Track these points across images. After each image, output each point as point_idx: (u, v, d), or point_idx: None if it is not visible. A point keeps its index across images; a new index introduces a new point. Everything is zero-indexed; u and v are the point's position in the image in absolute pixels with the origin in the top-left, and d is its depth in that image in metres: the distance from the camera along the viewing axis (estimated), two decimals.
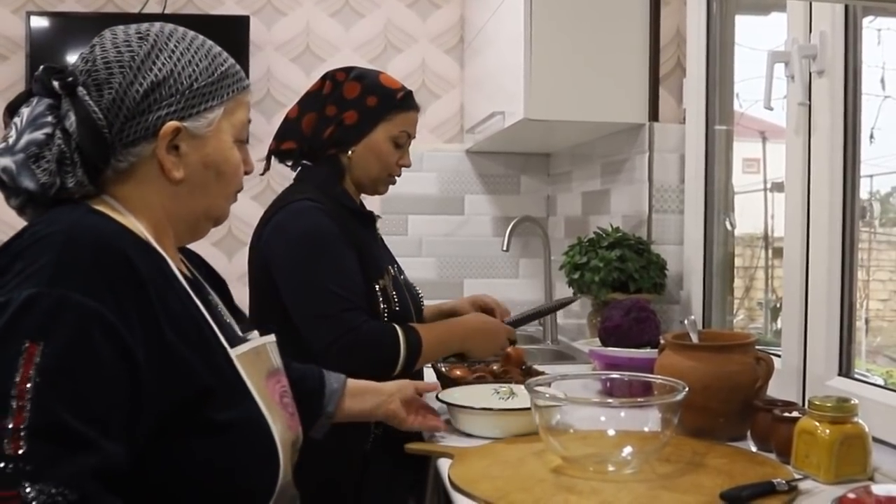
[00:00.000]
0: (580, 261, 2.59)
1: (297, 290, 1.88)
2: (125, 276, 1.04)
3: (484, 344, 2.04)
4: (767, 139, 2.75)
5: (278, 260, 1.91)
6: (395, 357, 1.86)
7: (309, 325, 1.85)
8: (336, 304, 1.84)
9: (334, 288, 1.85)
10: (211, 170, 1.20)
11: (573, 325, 3.27)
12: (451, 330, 2.02)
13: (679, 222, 2.64)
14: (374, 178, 2.02)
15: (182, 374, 1.07)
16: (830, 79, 1.84)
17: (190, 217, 1.22)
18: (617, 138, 2.87)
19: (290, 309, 1.88)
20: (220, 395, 1.10)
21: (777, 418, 1.57)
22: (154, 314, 1.05)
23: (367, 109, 1.98)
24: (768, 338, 2.49)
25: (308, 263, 1.87)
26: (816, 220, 1.89)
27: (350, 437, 1.88)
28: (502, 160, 3.68)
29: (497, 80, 3.02)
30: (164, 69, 1.15)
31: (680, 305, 2.62)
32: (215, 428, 1.09)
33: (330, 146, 1.99)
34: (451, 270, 3.70)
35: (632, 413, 1.51)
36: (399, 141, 2.02)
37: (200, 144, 1.18)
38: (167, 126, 1.14)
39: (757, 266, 2.81)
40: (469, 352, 2.04)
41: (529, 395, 1.53)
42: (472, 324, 2.06)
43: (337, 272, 1.87)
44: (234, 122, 1.22)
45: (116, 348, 1.00)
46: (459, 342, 2.01)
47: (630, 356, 2.12)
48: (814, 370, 1.89)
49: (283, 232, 1.92)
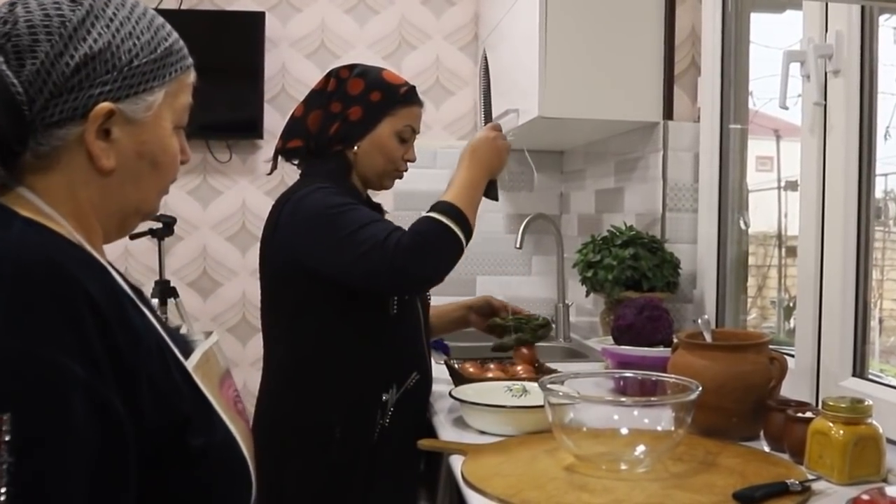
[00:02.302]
0: (593, 259, 2.58)
1: (331, 249, 1.82)
2: (87, 311, 0.89)
3: (496, 160, 1.98)
4: (781, 137, 2.73)
5: (301, 238, 1.87)
6: (453, 237, 1.80)
7: (359, 271, 1.79)
8: (374, 235, 1.78)
9: (363, 225, 1.80)
10: (146, 160, 1.03)
11: (586, 324, 3.26)
12: (463, 175, 1.92)
13: (693, 221, 2.63)
14: (379, 173, 2.03)
15: (161, 407, 0.94)
16: (846, 79, 1.83)
17: (119, 213, 1.05)
18: (631, 136, 2.86)
19: (337, 274, 1.83)
20: (194, 420, 0.97)
21: (790, 418, 1.57)
22: (118, 347, 0.90)
23: (372, 105, 1.99)
24: (781, 337, 2.48)
25: (333, 223, 1.82)
26: (831, 220, 1.88)
27: (357, 428, 1.90)
28: (516, 157, 3.66)
29: (511, 78, 3.01)
30: (100, 40, 0.98)
31: (693, 304, 2.61)
32: (193, 457, 0.97)
33: (336, 142, 2.00)
34: (463, 267, 3.67)
35: (645, 412, 1.50)
36: (403, 135, 2.03)
37: (136, 130, 1.01)
38: (99, 107, 0.97)
39: (770, 265, 2.79)
40: (492, 172, 1.97)
41: (542, 393, 1.53)
42: (475, 152, 1.96)
43: (363, 216, 1.83)
44: (176, 107, 1.07)
45: (92, 406, 0.86)
46: (479, 173, 1.93)
47: (643, 355, 2.12)
48: (828, 370, 1.88)
49: (298, 213, 1.89)
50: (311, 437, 1.90)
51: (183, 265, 3.65)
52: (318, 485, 1.89)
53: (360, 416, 1.92)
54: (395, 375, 1.95)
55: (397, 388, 1.94)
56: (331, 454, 1.89)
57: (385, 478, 1.94)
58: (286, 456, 1.90)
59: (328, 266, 1.84)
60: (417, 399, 2.01)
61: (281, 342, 1.98)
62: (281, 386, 1.96)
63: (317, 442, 1.89)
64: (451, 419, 1.91)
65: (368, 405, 1.92)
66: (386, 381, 1.93)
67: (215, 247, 3.67)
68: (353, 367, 1.91)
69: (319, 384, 1.91)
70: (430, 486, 2.14)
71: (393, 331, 1.96)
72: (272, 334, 2.01)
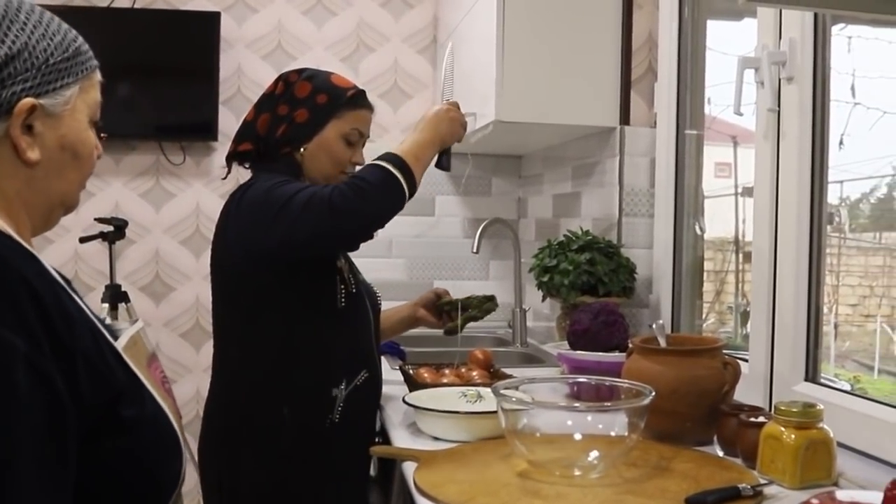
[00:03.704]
0: (549, 263, 2.59)
1: (272, 224, 1.82)
2: (24, 293, 0.96)
3: (450, 129, 2.01)
4: (738, 144, 2.76)
5: (247, 229, 1.88)
6: (394, 181, 1.82)
7: (301, 229, 1.79)
8: (311, 191, 1.80)
9: (302, 189, 1.82)
10: (67, 151, 1.11)
11: (542, 328, 3.27)
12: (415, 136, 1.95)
13: (649, 226, 2.65)
14: (326, 176, 2.03)
15: (97, 383, 1.00)
16: (799, 85, 1.85)
17: (45, 204, 1.12)
18: (588, 141, 2.87)
19: (280, 245, 1.83)
20: (126, 394, 1.05)
21: (743, 423, 1.58)
22: (56, 328, 0.97)
23: (318, 107, 2.01)
24: (738, 342, 2.50)
25: (268, 200, 1.83)
26: (784, 225, 1.90)
27: (307, 418, 1.91)
28: (474, 161, 3.68)
29: (469, 82, 3.01)
30: (17, 41, 1.05)
31: (649, 309, 2.63)
32: (125, 427, 1.03)
33: (283, 144, 2.01)
34: (420, 272, 3.70)
35: (599, 417, 1.50)
36: (350, 139, 2.03)
37: (56, 124, 1.09)
38: (22, 103, 1.04)
39: (728, 270, 2.82)
40: (444, 140, 1.99)
41: (496, 399, 1.52)
42: (430, 119, 2.00)
43: (298, 185, 1.85)
44: (89, 102, 1.14)
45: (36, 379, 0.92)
46: (431, 136, 1.96)
47: (598, 360, 2.13)
48: (781, 375, 1.90)
49: (242, 203, 1.90)
50: (260, 422, 1.91)
51: (135, 269, 3.60)
52: (272, 475, 1.90)
53: (310, 407, 1.93)
54: (345, 371, 1.96)
55: (347, 384, 1.95)
56: (281, 442, 1.90)
57: (336, 474, 1.95)
58: (238, 445, 1.91)
59: (272, 240, 1.82)
60: (367, 398, 2.02)
61: (229, 339, 1.99)
62: (231, 381, 1.98)
63: (267, 427, 1.91)
64: (405, 425, 1.90)
65: (318, 398, 1.93)
66: (335, 376, 1.95)
67: (168, 250, 3.63)
68: (301, 361, 1.92)
69: (269, 377, 1.92)
70: (385, 492, 2.13)
71: (341, 327, 1.97)
72: (221, 332, 2.02)
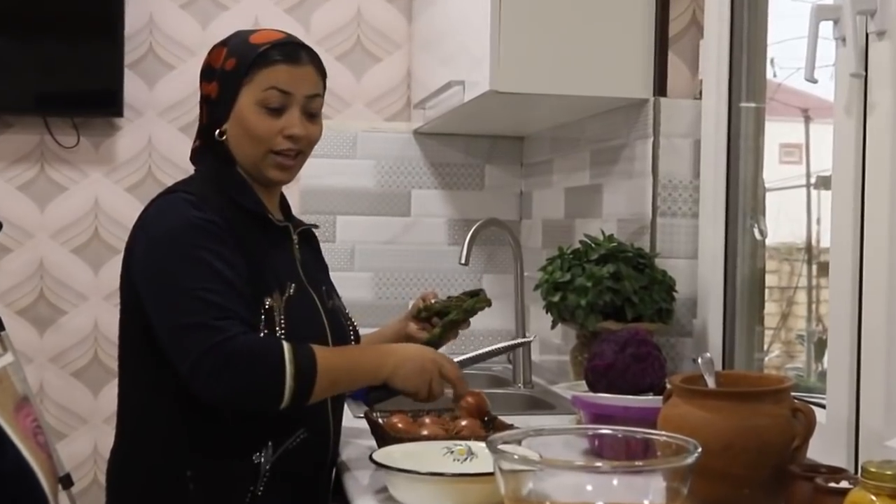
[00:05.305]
0: (562, 278, 2.58)
1: (158, 297, 1.92)
2: None
3: (413, 375, 2.03)
4: (812, 119, 2.77)
5: (138, 264, 1.97)
6: (278, 378, 1.86)
7: (173, 340, 1.88)
8: (206, 312, 1.86)
9: (204, 293, 1.87)
10: None
11: (552, 364, 3.26)
12: (367, 353, 2.07)
13: (692, 229, 2.65)
14: (252, 160, 2.05)
15: None
16: (893, 42, 1.84)
17: None
18: (612, 118, 2.87)
19: (154, 323, 1.91)
20: None
21: (820, 489, 1.56)
22: None
23: (226, 75, 2.03)
24: (812, 381, 2.50)
25: (172, 263, 1.91)
26: (873, 227, 1.89)
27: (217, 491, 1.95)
28: (462, 145, 3.67)
29: (456, 41, 3.01)
30: None
31: (692, 339, 2.63)
32: None
33: (210, 132, 2.06)
34: (392, 289, 3.68)
35: (628, 480, 1.49)
36: (269, 103, 2.01)
37: None
38: None
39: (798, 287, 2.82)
40: (390, 380, 2.03)
41: (493, 457, 1.50)
42: (400, 350, 2.09)
43: (210, 274, 1.89)
44: None
45: None
46: (375, 369, 2.01)
47: (626, 405, 2.12)
48: (869, 426, 1.89)
49: (146, 229, 1.97)
50: (161, 489, 1.95)
51: (11, 286, 3.57)
52: None
53: (222, 477, 1.95)
54: (271, 431, 1.97)
55: (274, 448, 1.96)
56: None
57: None
58: None
59: (149, 305, 1.94)
60: (305, 464, 2.04)
61: (134, 380, 2.03)
62: (133, 436, 2.02)
63: (167, 497, 1.95)
64: (372, 491, 1.90)
65: (233, 466, 1.95)
66: (257, 437, 1.96)
67: (57, 261, 3.60)
68: (215, 416, 1.93)
69: (174, 432, 1.96)
70: None
71: None
72: (126, 371, 2.06)
